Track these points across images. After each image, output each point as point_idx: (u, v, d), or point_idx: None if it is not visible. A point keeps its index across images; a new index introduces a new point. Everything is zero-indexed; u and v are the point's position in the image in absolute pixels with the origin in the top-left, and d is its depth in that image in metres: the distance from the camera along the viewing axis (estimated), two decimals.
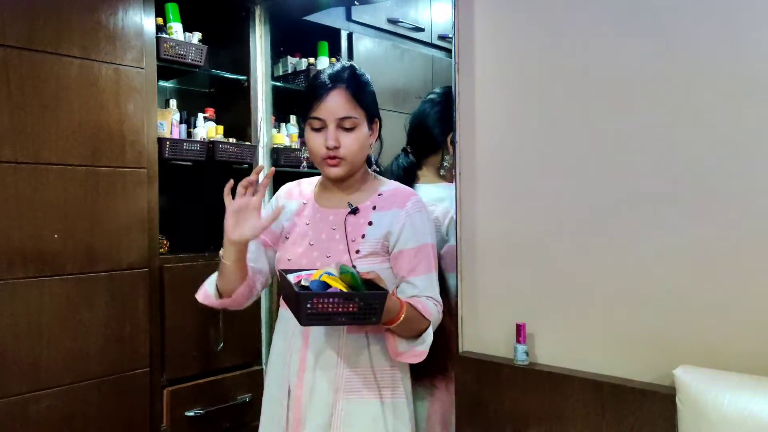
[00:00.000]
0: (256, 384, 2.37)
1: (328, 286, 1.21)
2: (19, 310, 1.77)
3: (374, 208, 1.45)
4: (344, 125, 1.39)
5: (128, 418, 2.00)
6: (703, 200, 1.34)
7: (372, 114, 1.46)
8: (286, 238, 1.48)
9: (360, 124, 1.41)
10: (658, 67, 1.40)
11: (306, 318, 1.17)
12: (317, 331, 1.40)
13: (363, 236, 1.42)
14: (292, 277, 1.29)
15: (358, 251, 1.41)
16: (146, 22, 2.06)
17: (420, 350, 1.39)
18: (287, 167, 2.60)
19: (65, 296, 1.86)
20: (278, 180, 2.53)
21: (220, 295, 1.45)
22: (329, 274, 1.24)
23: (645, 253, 1.42)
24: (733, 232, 1.31)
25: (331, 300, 1.16)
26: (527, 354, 1.58)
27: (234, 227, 1.34)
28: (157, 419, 2.08)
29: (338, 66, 1.45)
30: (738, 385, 1.20)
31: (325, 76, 1.42)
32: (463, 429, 1.67)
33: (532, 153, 1.60)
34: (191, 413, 2.14)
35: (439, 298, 1.48)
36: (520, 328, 1.59)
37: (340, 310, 1.16)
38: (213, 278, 1.47)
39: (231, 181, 1.37)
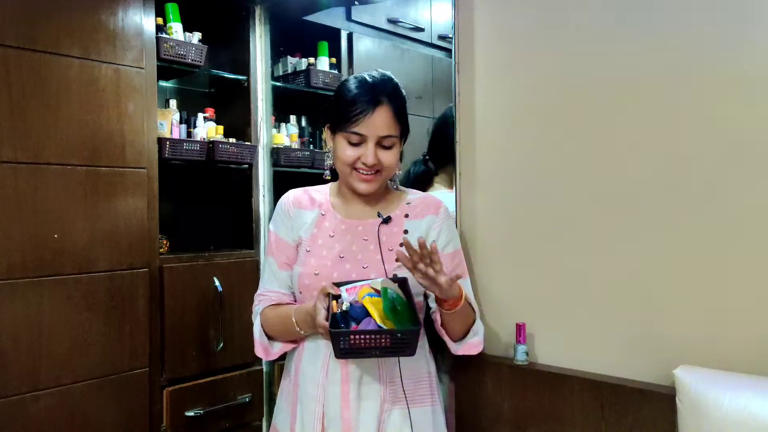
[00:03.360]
0: (256, 384, 2.37)
1: (366, 311, 1.25)
2: (19, 310, 1.77)
3: (407, 216, 1.44)
4: (384, 143, 1.37)
5: (128, 418, 2.00)
6: (704, 200, 1.34)
7: (406, 130, 1.45)
8: (307, 251, 1.43)
9: (397, 143, 1.40)
10: (658, 66, 1.40)
11: (340, 353, 1.22)
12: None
13: (401, 245, 1.38)
14: (344, 293, 1.30)
15: (397, 260, 1.37)
16: (146, 22, 2.06)
17: (475, 341, 1.43)
18: (287, 167, 2.60)
19: (65, 296, 1.86)
20: (278, 180, 2.54)
21: (271, 341, 1.47)
22: (372, 296, 1.27)
23: (645, 253, 1.42)
24: (733, 232, 1.31)
25: (364, 337, 1.20)
26: (527, 354, 1.58)
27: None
28: (157, 419, 2.08)
29: (379, 77, 1.41)
30: (738, 385, 1.20)
31: (368, 89, 1.37)
32: (463, 429, 1.67)
33: (533, 153, 1.60)
34: (191, 413, 2.14)
35: (476, 304, 1.48)
36: (520, 328, 1.59)
37: (373, 345, 1.21)
38: (260, 329, 1.46)
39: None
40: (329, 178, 1.51)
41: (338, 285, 1.32)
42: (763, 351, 1.26)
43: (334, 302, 1.28)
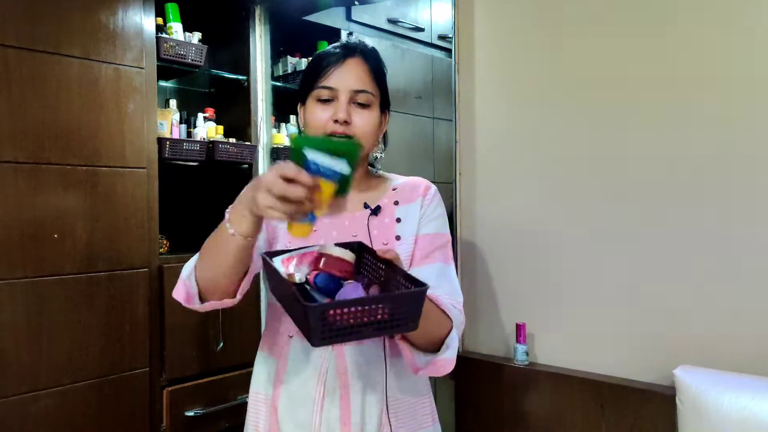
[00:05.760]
0: None
1: (335, 280, 0.96)
2: (19, 310, 1.77)
3: (396, 203, 1.24)
4: (358, 100, 1.17)
5: (128, 418, 2.00)
6: (704, 201, 1.34)
7: (385, 98, 1.25)
8: (288, 243, 1.19)
9: (374, 104, 1.20)
10: (658, 66, 1.40)
11: (320, 338, 0.84)
12: (359, 366, 1.16)
13: (398, 238, 1.20)
14: (279, 265, 0.99)
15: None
16: (146, 22, 2.06)
17: (444, 358, 1.07)
18: None
19: (65, 296, 1.86)
20: None
21: (200, 289, 1.12)
22: (327, 251, 0.96)
23: (645, 253, 1.42)
24: (733, 232, 1.31)
25: (355, 309, 0.84)
26: (527, 354, 1.58)
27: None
28: (157, 419, 2.08)
29: (354, 39, 1.26)
30: (738, 385, 1.20)
31: (339, 45, 1.21)
32: (463, 429, 1.67)
33: (532, 153, 1.60)
34: (191, 413, 2.14)
35: (460, 298, 1.18)
36: (520, 328, 1.59)
37: (366, 320, 0.85)
38: (191, 270, 1.12)
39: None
40: None
41: (271, 255, 1.04)
42: (763, 351, 1.26)
43: (290, 275, 1.00)
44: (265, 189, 0.88)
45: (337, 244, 1.02)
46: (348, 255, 1.00)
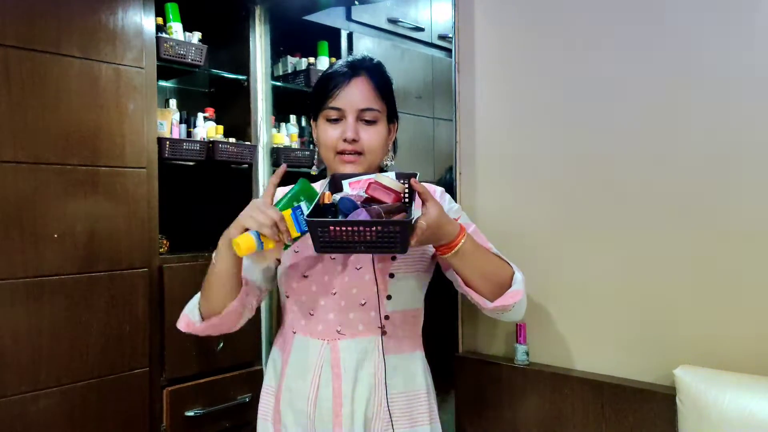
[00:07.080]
0: (256, 384, 2.36)
1: (355, 205, 1.12)
2: (19, 310, 1.77)
3: None
4: (365, 117, 1.26)
5: (128, 418, 2.00)
6: (704, 201, 1.34)
7: (393, 111, 1.33)
8: (295, 251, 1.30)
9: (381, 119, 1.28)
10: (657, 67, 1.40)
11: (320, 245, 1.07)
12: (351, 359, 1.23)
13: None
14: (346, 186, 1.20)
15: (394, 258, 1.25)
16: (146, 21, 2.06)
17: (513, 290, 1.20)
18: (287, 167, 2.60)
19: (65, 296, 1.86)
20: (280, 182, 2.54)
21: (203, 317, 1.25)
22: (378, 179, 1.16)
23: (645, 253, 1.42)
24: (733, 232, 1.31)
25: (345, 229, 1.05)
26: (527, 354, 1.58)
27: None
28: (157, 419, 2.08)
29: (359, 55, 1.34)
30: (738, 385, 1.20)
31: (345, 64, 1.30)
32: (463, 429, 1.67)
33: (532, 153, 1.60)
34: (191, 413, 2.14)
35: (514, 265, 1.26)
36: (520, 328, 1.59)
37: (357, 239, 1.05)
38: (195, 302, 1.28)
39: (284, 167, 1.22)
40: (315, 173, 1.44)
41: (342, 178, 1.23)
42: (763, 351, 1.26)
43: (328, 193, 1.18)
44: (256, 218, 1.09)
45: (398, 174, 1.21)
46: (395, 184, 1.18)
